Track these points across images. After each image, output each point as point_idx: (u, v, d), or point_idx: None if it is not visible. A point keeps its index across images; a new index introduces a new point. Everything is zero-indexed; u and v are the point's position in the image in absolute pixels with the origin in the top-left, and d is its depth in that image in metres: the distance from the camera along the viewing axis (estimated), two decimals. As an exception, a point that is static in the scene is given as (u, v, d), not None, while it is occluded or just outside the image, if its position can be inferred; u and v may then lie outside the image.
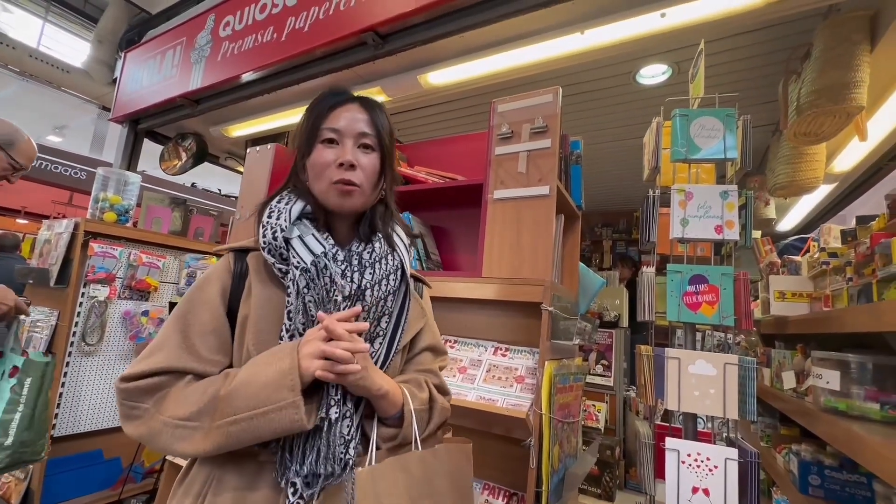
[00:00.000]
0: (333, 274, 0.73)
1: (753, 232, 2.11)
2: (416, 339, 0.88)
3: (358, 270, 0.76)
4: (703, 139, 1.25)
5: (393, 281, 0.79)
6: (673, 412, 1.17)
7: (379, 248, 0.80)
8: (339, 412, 0.70)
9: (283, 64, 2.45)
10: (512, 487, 1.34)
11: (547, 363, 1.24)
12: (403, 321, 0.82)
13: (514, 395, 1.30)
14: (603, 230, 5.72)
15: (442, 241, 1.89)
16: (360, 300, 0.75)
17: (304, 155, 0.81)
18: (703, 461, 1.06)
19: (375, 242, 0.81)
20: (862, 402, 1.15)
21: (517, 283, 1.35)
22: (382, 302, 0.78)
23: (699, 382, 1.11)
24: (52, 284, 2.00)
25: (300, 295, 0.73)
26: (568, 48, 1.90)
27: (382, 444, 0.75)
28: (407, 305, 0.82)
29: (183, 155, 3.60)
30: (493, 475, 1.37)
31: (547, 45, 1.91)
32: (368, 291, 0.76)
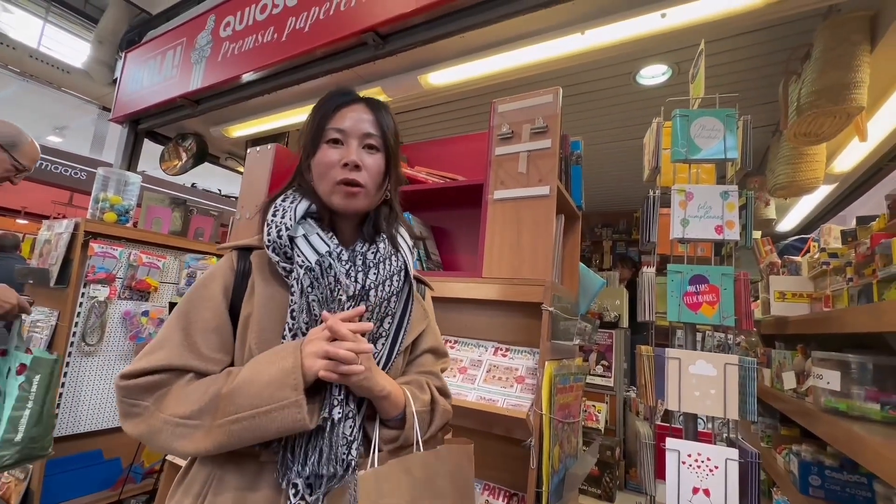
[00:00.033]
0: (338, 273, 0.73)
1: (754, 232, 2.12)
2: (418, 340, 0.87)
3: (362, 270, 0.76)
4: (703, 139, 1.25)
5: (397, 282, 0.79)
6: (673, 412, 1.17)
7: (383, 248, 0.80)
8: (341, 412, 0.70)
9: (283, 64, 2.45)
10: (512, 488, 1.34)
11: (547, 363, 1.24)
12: (406, 322, 0.81)
13: (514, 395, 1.30)
14: (603, 230, 5.73)
15: (442, 241, 1.89)
16: (363, 300, 0.75)
17: (309, 154, 0.81)
18: (703, 462, 1.06)
19: (380, 243, 0.80)
20: (862, 402, 1.15)
21: (517, 283, 1.35)
22: (386, 303, 0.78)
23: (699, 383, 1.11)
24: (52, 284, 2.01)
25: (304, 294, 0.73)
26: (568, 48, 1.90)
27: (384, 445, 0.74)
28: (410, 307, 0.82)
29: (183, 155, 3.60)
30: (493, 475, 1.37)
31: (547, 45, 1.90)
32: (372, 292, 0.75)
